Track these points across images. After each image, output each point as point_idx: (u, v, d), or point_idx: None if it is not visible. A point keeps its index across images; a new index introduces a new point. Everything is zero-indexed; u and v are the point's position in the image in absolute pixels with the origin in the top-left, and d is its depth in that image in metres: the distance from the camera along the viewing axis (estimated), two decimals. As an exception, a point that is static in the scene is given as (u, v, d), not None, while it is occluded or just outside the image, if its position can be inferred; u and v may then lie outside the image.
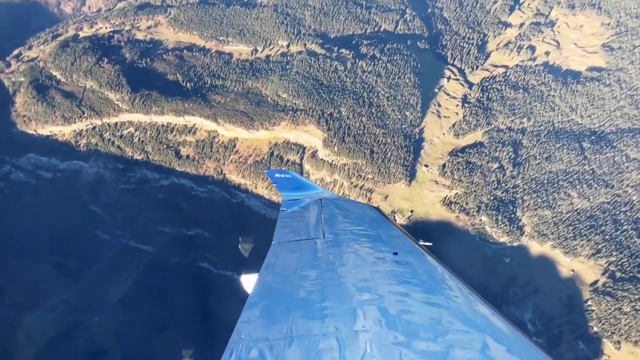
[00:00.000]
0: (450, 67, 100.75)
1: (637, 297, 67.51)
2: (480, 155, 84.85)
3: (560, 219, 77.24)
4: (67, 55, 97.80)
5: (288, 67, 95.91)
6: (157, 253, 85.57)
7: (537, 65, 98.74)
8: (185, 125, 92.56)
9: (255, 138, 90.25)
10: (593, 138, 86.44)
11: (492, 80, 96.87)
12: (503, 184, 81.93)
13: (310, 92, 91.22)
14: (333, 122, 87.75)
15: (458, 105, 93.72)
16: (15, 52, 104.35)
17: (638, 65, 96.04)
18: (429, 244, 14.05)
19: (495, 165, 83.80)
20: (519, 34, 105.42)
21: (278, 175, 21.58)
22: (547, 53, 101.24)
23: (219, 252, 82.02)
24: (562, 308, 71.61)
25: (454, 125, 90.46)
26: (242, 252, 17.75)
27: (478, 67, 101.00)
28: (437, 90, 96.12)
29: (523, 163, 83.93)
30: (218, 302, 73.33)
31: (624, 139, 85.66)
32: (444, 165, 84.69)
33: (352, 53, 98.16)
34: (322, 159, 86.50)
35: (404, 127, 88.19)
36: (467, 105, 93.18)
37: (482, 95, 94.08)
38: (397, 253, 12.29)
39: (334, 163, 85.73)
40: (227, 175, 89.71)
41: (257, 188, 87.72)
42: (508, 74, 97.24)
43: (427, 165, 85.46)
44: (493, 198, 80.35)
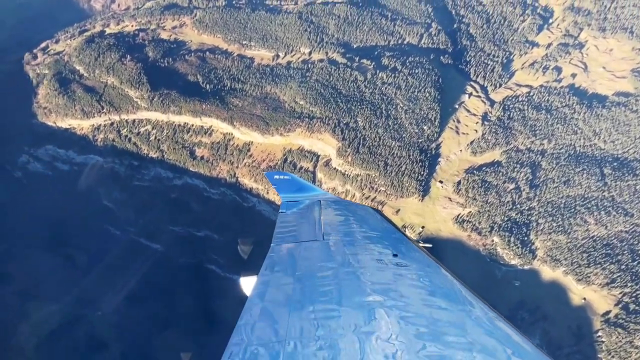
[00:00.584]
0: (473, 83, 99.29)
1: (650, 331, 64.92)
2: (497, 175, 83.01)
3: (575, 245, 74.66)
4: (91, 51, 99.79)
5: (308, 74, 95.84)
6: (165, 251, 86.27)
7: (562, 87, 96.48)
8: (202, 127, 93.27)
9: (270, 143, 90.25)
10: (615, 164, 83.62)
11: (514, 100, 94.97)
12: (518, 205, 79.90)
13: (328, 100, 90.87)
14: (349, 131, 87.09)
15: (478, 123, 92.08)
16: (43, 44, 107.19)
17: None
18: (429, 246, 14.48)
19: (512, 186, 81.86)
20: (546, 54, 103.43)
21: (277, 177, 21.45)
22: (573, 75, 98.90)
23: (227, 255, 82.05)
24: (571, 337, 69.10)
25: (472, 143, 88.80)
26: (241, 253, 17.66)
27: (501, 85, 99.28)
28: (457, 106, 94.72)
29: (540, 185, 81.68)
30: (222, 304, 72.97)
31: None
32: (459, 183, 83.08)
33: (373, 64, 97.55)
34: (335, 168, 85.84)
35: (421, 141, 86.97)
36: (487, 123, 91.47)
37: (503, 114, 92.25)
38: (397, 255, 12.40)
39: (347, 173, 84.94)
40: (239, 179, 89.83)
41: (268, 193, 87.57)
42: (532, 94, 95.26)
43: (441, 182, 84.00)
44: (507, 219, 78.39)
